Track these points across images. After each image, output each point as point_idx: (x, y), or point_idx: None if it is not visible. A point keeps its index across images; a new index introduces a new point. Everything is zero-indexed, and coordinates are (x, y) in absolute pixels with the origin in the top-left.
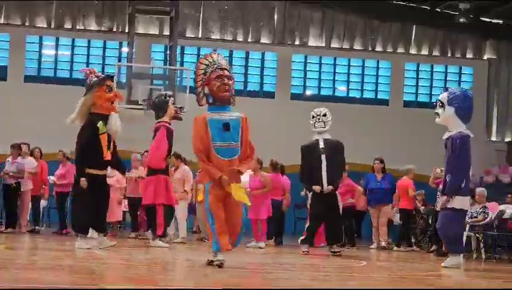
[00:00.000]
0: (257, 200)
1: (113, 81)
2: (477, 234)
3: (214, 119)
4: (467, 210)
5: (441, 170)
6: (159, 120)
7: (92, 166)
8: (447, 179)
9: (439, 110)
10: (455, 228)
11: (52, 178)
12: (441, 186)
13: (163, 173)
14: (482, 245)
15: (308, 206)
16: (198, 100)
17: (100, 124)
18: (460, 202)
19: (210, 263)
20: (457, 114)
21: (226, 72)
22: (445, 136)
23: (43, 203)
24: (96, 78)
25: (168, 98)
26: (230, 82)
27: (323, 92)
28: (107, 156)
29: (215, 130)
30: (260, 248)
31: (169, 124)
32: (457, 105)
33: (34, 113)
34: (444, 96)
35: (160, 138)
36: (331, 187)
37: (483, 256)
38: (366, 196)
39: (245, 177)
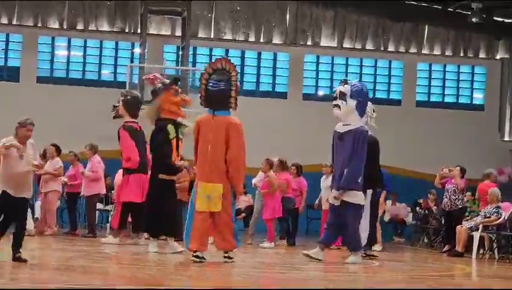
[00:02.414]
0: (264, 201)
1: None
2: (490, 235)
3: None
4: (363, 205)
5: (449, 169)
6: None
7: (163, 171)
8: (345, 172)
9: (339, 102)
10: (354, 223)
11: (63, 179)
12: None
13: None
14: (495, 245)
15: (369, 207)
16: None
17: (170, 129)
18: (357, 197)
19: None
20: (357, 108)
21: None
22: (342, 128)
23: (57, 203)
24: (162, 84)
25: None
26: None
27: None
28: (176, 160)
29: None
30: (263, 247)
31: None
32: (360, 99)
33: (47, 114)
34: (346, 88)
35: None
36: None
37: (497, 256)
38: None
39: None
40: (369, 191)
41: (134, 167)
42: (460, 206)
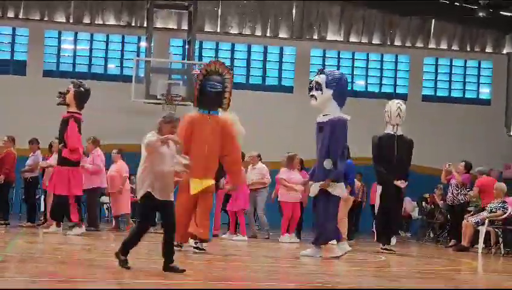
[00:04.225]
0: (233, 193)
1: None
2: (496, 229)
3: None
4: (340, 197)
5: (449, 164)
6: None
7: None
8: (324, 163)
9: (315, 93)
10: (329, 215)
11: None
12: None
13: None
14: (501, 240)
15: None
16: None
17: None
18: (336, 188)
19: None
20: (335, 97)
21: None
22: (321, 119)
23: None
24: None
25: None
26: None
27: None
28: None
29: None
30: (233, 240)
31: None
32: (335, 88)
33: (53, 108)
34: (321, 78)
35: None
36: None
37: (502, 251)
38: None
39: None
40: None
41: (79, 158)
42: (462, 201)
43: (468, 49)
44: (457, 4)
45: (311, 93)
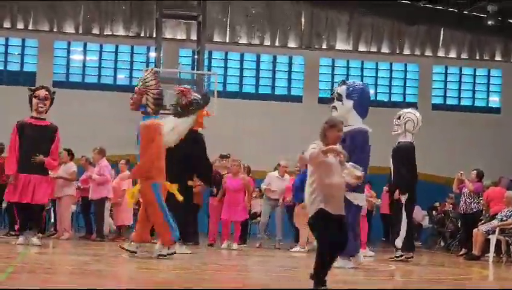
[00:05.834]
0: (231, 202)
1: None
2: (507, 238)
3: None
4: (362, 206)
5: (461, 173)
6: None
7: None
8: None
9: (336, 104)
10: (351, 225)
11: (77, 183)
12: None
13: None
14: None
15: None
16: None
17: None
18: (359, 198)
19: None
20: (356, 108)
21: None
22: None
23: (72, 207)
24: (197, 99)
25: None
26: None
27: None
28: None
29: None
30: (232, 249)
31: None
32: (356, 98)
33: (62, 118)
34: (342, 88)
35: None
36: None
37: None
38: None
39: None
40: (404, 197)
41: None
42: (475, 210)
43: (478, 57)
44: (466, 12)
45: (332, 104)
